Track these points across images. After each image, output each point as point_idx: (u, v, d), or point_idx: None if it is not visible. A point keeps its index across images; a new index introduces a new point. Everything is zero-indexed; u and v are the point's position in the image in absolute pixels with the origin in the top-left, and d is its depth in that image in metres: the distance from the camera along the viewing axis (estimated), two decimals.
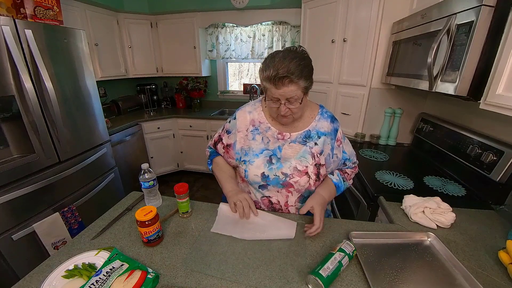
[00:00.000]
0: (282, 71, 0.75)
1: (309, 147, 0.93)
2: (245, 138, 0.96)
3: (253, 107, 0.99)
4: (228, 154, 1.01)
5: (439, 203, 0.95)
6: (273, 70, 0.77)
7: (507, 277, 0.71)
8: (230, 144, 1.00)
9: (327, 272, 0.65)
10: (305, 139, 0.94)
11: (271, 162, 0.93)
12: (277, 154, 0.94)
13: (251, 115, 0.97)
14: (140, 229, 0.78)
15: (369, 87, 1.84)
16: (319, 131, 0.94)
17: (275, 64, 0.77)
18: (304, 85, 0.80)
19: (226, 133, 1.02)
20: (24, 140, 1.43)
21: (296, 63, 0.77)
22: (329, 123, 0.95)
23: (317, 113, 0.97)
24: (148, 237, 0.79)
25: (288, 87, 0.78)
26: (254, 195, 1.01)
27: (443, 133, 1.47)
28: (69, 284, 0.65)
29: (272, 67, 0.77)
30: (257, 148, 0.95)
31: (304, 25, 2.24)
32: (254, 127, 0.96)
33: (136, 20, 2.85)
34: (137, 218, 0.77)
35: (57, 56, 1.59)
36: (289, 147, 0.94)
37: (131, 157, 2.66)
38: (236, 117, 0.99)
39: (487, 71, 0.93)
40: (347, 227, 0.91)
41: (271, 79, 0.78)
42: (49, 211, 1.57)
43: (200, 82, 3.24)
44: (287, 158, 0.93)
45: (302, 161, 0.92)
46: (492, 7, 0.88)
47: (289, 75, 0.75)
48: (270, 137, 0.95)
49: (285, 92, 0.79)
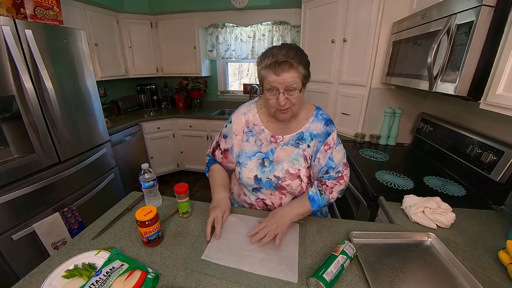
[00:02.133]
0: (282, 56, 0.75)
1: (302, 149, 0.92)
2: (240, 140, 0.96)
3: (248, 109, 0.97)
4: (226, 159, 1.00)
5: (439, 203, 0.95)
6: (272, 57, 0.76)
7: (507, 277, 0.71)
8: (227, 148, 0.98)
9: (330, 277, 0.64)
10: (297, 141, 0.92)
11: (263, 165, 0.93)
12: (269, 157, 0.93)
13: (246, 117, 0.96)
14: (140, 229, 0.78)
15: (369, 87, 1.84)
16: (312, 132, 0.92)
17: (274, 52, 0.77)
18: (303, 72, 0.79)
19: (223, 138, 1.00)
20: (24, 140, 1.43)
21: (293, 51, 0.77)
22: (322, 125, 0.91)
23: (312, 114, 0.94)
24: (148, 237, 0.79)
25: (288, 72, 0.76)
26: (249, 197, 1.01)
27: (443, 133, 1.47)
28: (69, 284, 0.65)
29: (270, 56, 0.77)
30: (249, 150, 0.95)
31: (304, 25, 2.24)
32: (248, 128, 0.95)
33: (136, 20, 2.85)
34: (137, 218, 0.77)
35: (57, 56, 1.58)
36: (282, 149, 0.92)
37: (131, 157, 2.66)
38: (232, 120, 0.97)
39: (487, 71, 0.92)
40: (347, 227, 0.91)
41: (270, 66, 0.76)
42: (49, 211, 1.57)
43: (200, 82, 3.24)
44: (279, 161, 0.92)
45: (295, 164, 0.91)
46: (492, 7, 0.87)
47: (289, 60, 0.75)
48: (263, 140, 0.94)
49: (285, 79, 0.77)
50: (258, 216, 0.96)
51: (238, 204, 1.08)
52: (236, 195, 1.08)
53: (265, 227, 0.82)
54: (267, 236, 0.79)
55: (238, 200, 1.07)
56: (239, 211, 0.99)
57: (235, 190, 1.07)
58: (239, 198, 1.06)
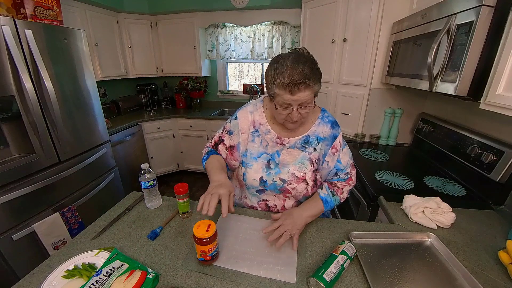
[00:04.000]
0: (298, 77, 0.71)
1: (308, 152, 0.91)
2: (246, 139, 0.94)
3: (255, 108, 0.95)
4: (232, 156, 0.96)
5: (439, 203, 0.95)
6: (287, 76, 0.72)
7: (507, 277, 0.71)
8: (233, 145, 0.95)
9: (330, 277, 0.64)
10: (303, 144, 0.91)
11: (269, 167, 0.92)
12: (275, 159, 0.92)
13: (252, 116, 0.93)
14: (200, 247, 0.68)
15: (369, 87, 1.84)
16: (318, 136, 0.91)
17: (288, 69, 0.72)
18: (318, 89, 0.77)
19: (228, 133, 0.96)
20: (24, 140, 1.43)
21: (309, 67, 0.73)
22: (328, 128, 0.90)
23: (318, 117, 0.92)
24: (212, 254, 0.71)
25: (304, 92, 0.74)
26: (250, 200, 1.00)
27: (443, 133, 1.47)
28: (69, 284, 0.65)
29: (285, 73, 0.72)
30: (255, 151, 0.93)
31: (304, 25, 2.24)
32: (254, 128, 0.93)
33: (136, 20, 2.85)
34: (198, 236, 0.67)
35: (57, 56, 1.58)
36: (287, 152, 0.91)
37: (131, 157, 2.66)
38: (238, 117, 0.94)
39: (487, 71, 0.93)
40: (347, 227, 0.91)
41: (285, 86, 0.73)
42: (49, 211, 1.56)
43: (200, 82, 3.24)
44: (285, 164, 0.91)
45: (301, 167, 0.90)
46: (492, 7, 0.88)
47: (306, 81, 0.72)
48: (269, 141, 0.92)
49: (300, 98, 0.74)
50: (257, 217, 0.95)
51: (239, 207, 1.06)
52: (237, 197, 1.06)
53: (281, 226, 0.80)
54: (283, 237, 0.76)
55: (240, 203, 1.06)
56: (239, 211, 0.99)
57: (236, 193, 1.05)
58: (241, 201, 1.05)
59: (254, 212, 0.99)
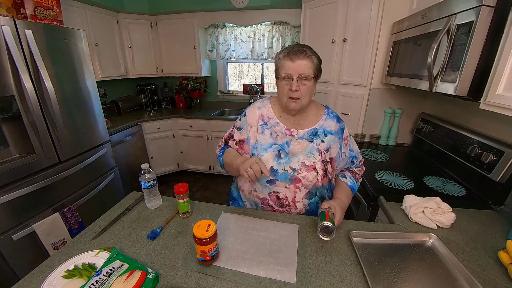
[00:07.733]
0: (297, 47, 0.87)
1: (316, 144, 0.95)
2: (256, 132, 0.99)
3: (262, 104, 1.03)
4: (242, 150, 1.02)
5: (439, 203, 0.95)
6: (289, 48, 0.88)
7: (507, 277, 0.71)
8: (243, 139, 1.01)
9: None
10: (312, 136, 0.97)
11: (279, 156, 0.95)
12: (285, 149, 0.96)
13: (260, 111, 1.01)
14: (201, 247, 0.69)
15: (369, 87, 1.84)
16: (325, 129, 0.98)
17: (291, 46, 0.90)
18: (316, 63, 0.88)
19: (237, 130, 1.04)
20: (24, 140, 1.43)
21: (308, 47, 0.89)
22: (335, 123, 0.99)
23: (324, 112, 1.01)
24: (212, 254, 0.71)
25: (303, 60, 0.85)
26: (261, 191, 1.00)
27: (443, 133, 1.47)
28: (69, 284, 0.65)
29: (288, 48, 0.89)
30: (265, 142, 0.97)
31: (304, 25, 2.24)
32: (263, 121, 1.00)
33: (136, 20, 2.85)
34: (198, 236, 0.68)
35: (57, 56, 1.58)
36: (297, 143, 0.96)
37: (131, 157, 2.66)
38: (246, 113, 1.03)
39: (487, 71, 0.93)
40: (347, 227, 0.91)
41: (286, 54, 0.87)
42: (49, 211, 1.56)
43: (200, 82, 3.24)
44: (295, 153, 0.95)
45: (310, 157, 0.94)
46: (492, 7, 0.87)
47: (304, 49, 0.87)
48: (278, 132, 0.98)
49: (299, 66, 0.85)
50: (259, 217, 0.95)
51: (249, 202, 1.05)
52: (247, 192, 1.05)
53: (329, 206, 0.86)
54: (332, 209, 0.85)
55: (249, 197, 1.04)
56: (239, 211, 1.00)
57: (245, 188, 1.05)
58: (250, 195, 1.03)
59: (254, 212, 0.99)
